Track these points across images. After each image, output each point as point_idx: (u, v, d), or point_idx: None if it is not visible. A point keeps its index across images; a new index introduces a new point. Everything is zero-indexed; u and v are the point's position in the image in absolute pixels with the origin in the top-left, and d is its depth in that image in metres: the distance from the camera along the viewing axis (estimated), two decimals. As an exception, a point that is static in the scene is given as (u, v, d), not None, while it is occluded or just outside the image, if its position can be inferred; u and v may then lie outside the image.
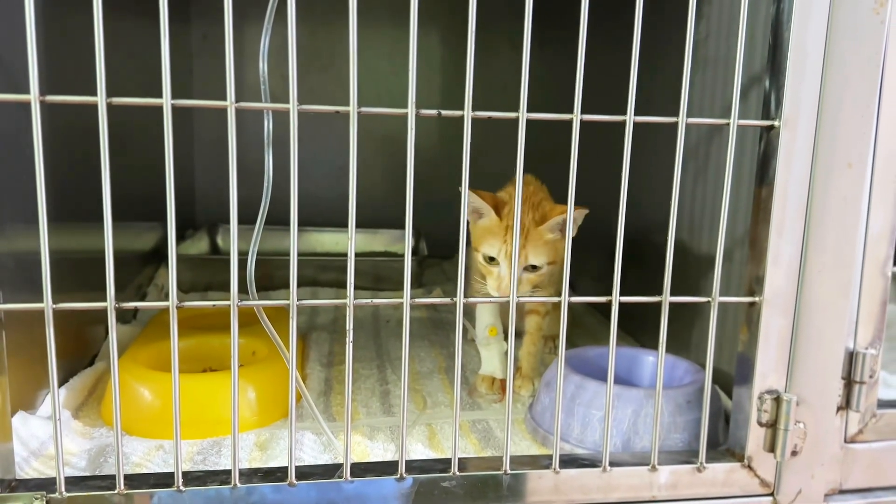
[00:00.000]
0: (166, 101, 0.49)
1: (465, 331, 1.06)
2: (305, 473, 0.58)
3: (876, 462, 0.66)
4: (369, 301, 0.57)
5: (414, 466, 0.60)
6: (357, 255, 0.54)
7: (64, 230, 0.84)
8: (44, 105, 0.48)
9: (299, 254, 0.53)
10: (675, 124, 0.57)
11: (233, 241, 0.51)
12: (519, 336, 0.92)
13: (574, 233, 0.85)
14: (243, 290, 0.55)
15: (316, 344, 1.08)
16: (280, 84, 1.47)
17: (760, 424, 0.62)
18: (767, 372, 0.62)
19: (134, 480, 0.56)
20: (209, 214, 1.62)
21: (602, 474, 0.61)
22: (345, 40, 1.61)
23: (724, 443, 0.68)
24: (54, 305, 0.51)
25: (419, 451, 0.73)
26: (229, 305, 0.53)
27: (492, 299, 0.70)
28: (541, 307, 0.94)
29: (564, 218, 0.81)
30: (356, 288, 0.55)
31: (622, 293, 0.59)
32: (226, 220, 0.48)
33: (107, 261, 0.50)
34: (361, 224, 0.73)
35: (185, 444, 0.73)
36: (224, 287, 1.32)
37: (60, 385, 0.80)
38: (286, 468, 0.57)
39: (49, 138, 0.61)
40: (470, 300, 0.59)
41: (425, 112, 0.53)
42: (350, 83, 0.51)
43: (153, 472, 0.66)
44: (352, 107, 0.51)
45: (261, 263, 0.62)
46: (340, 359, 1.02)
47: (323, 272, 1.39)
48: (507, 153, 0.62)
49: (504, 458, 0.60)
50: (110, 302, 0.51)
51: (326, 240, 1.62)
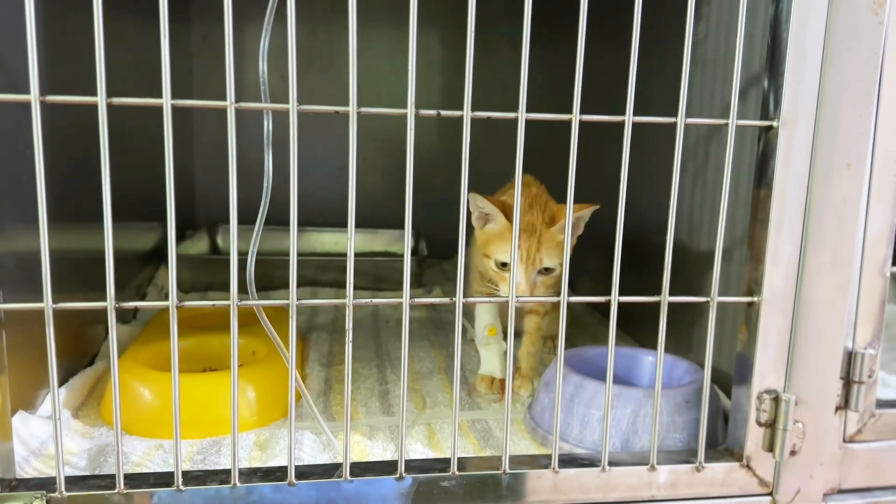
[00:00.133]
0: (166, 102, 0.49)
1: (465, 331, 1.06)
2: (305, 473, 0.58)
3: (875, 462, 0.66)
4: (369, 301, 0.57)
5: (413, 466, 0.60)
6: (357, 255, 0.54)
7: (64, 230, 0.84)
8: (44, 105, 0.48)
9: (299, 254, 0.53)
10: (674, 124, 0.57)
11: (233, 241, 0.51)
12: (518, 336, 0.93)
13: (581, 230, 0.85)
14: (243, 290, 0.56)
15: (315, 344, 1.08)
16: (280, 84, 1.47)
17: (759, 424, 0.62)
18: (766, 372, 0.62)
19: (134, 480, 0.56)
20: (209, 214, 1.63)
21: (601, 474, 0.61)
22: (344, 40, 1.61)
23: (723, 442, 0.68)
24: (54, 305, 0.51)
25: (418, 451, 0.73)
26: (229, 305, 0.53)
27: (491, 299, 0.70)
28: (540, 307, 0.94)
29: (576, 216, 0.81)
30: (356, 288, 0.55)
31: (621, 293, 0.59)
32: (226, 221, 0.48)
33: (107, 260, 0.50)
34: (361, 224, 0.73)
35: (185, 444, 0.73)
36: (224, 287, 1.32)
37: (60, 385, 0.80)
38: (286, 468, 0.57)
39: (49, 138, 0.61)
40: (469, 300, 0.59)
41: (425, 112, 0.53)
42: (350, 83, 0.51)
43: (153, 472, 0.66)
44: (351, 107, 0.51)
45: (261, 263, 0.62)
46: (340, 359, 1.02)
47: (322, 272, 1.39)
48: (507, 153, 0.62)
49: (503, 458, 0.60)
50: (110, 302, 0.52)
51: (326, 240, 1.62)
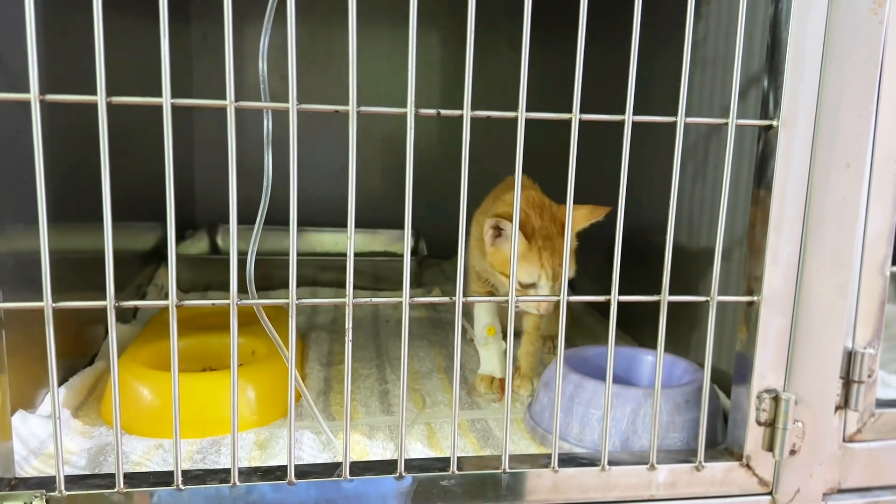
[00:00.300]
0: (166, 101, 0.49)
1: (464, 331, 1.06)
2: (305, 472, 0.58)
3: (874, 461, 0.66)
4: (368, 300, 0.57)
5: (413, 465, 0.60)
6: (356, 255, 0.54)
7: (64, 230, 0.84)
8: (44, 105, 0.48)
9: (299, 254, 0.53)
10: (674, 124, 0.57)
11: (232, 241, 0.51)
12: (517, 335, 0.93)
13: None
14: (243, 290, 0.56)
15: (315, 344, 1.08)
16: (279, 84, 1.46)
17: (759, 423, 0.62)
18: (766, 371, 0.62)
19: (133, 479, 0.56)
20: (209, 214, 1.63)
21: (601, 473, 0.61)
22: (344, 41, 1.61)
23: (723, 442, 0.68)
24: (54, 304, 0.51)
25: (418, 450, 0.73)
26: (229, 305, 0.53)
27: (490, 299, 0.70)
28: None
29: (590, 223, 0.81)
30: (355, 288, 0.55)
31: (621, 293, 0.59)
32: (225, 220, 0.48)
33: (106, 260, 0.50)
34: (361, 224, 0.73)
35: (185, 443, 0.73)
36: (224, 287, 1.32)
37: (60, 384, 0.80)
38: (285, 467, 0.57)
39: (49, 138, 0.61)
40: (469, 299, 0.59)
41: (425, 111, 0.53)
42: (349, 82, 0.51)
43: (153, 471, 0.66)
44: (351, 106, 0.51)
45: (260, 263, 0.62)
46: (340, 358, 1.02)
47: (322, 272, 1.39)
48: (506, 153, 0.62)
49: (503, 457, 0.60)
50: (110, 301, 0.51)
51: (326, 240, 1.62)
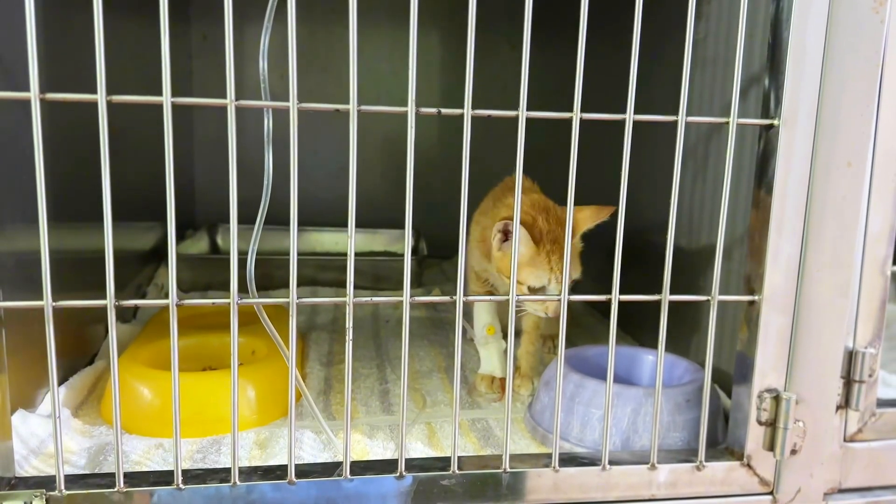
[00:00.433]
0: (166, 99, 0.49)
1: (465, 331, 1.06)
2: (305, 472, 0.58)
3: (875, 461, 0.66)
4: (369, 299, 0.57)
5: (413, 465, 0.60)
6: (357, 255, 0.54)
7: (64, 229, 0.84)
8: (44, 104, 0.48)
9: (299, 253, 0.53)
10: (675, 123, 0.57)
11: (233, 240, 0.51)
12: (517, 335, 0.92)
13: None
14: (243, 289, 0.55)
15: (315, 343, 1.08)
16: (279, 85, 1.46)
17: (760, 423, 0.62)
18: (767, 370, 0.62)
19: (134, 478, 0.56)
20: (209, 214, 1.63)
21: (601, 473, 0.61)
22: (344, 41, 1.60)
23: (724, 441, 0.68)
24: (54, 303, 0.51)
25: (419, 450, 0.73)
26: (229, 304, 0.53)
27: (491, 298, 0.70)
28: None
29: (596, 224, 0.81)
30: (356, 287, 0.55)
31: (622, 292, 0.59)
32: (225, 220, 0.48)
33: (107, 259, 0.50)
34: (361, 224, 0.73)
35: (185, 443, 0.73)
36: (224, 287, 1.32)
37: (60, 383, 0.80)
38: (286, 466, 0.57)
39: (49, 138, 0.61)
40: (469, 298, 0.59)
41: (425, 110, 0.53)
42: (350, 81, 0.51)
43: (153, 471, 0.66)
44: (352, 105, 0.51)
45: (260, 263, 0.62)
46: (340, 358, 1.02)
47: (322, 272, 1.39)
48: (507, 153, 0.62)
49: (503, 457, 0.60)
50: (110, 300, 0.51)
51: (326, 239, 1.62)
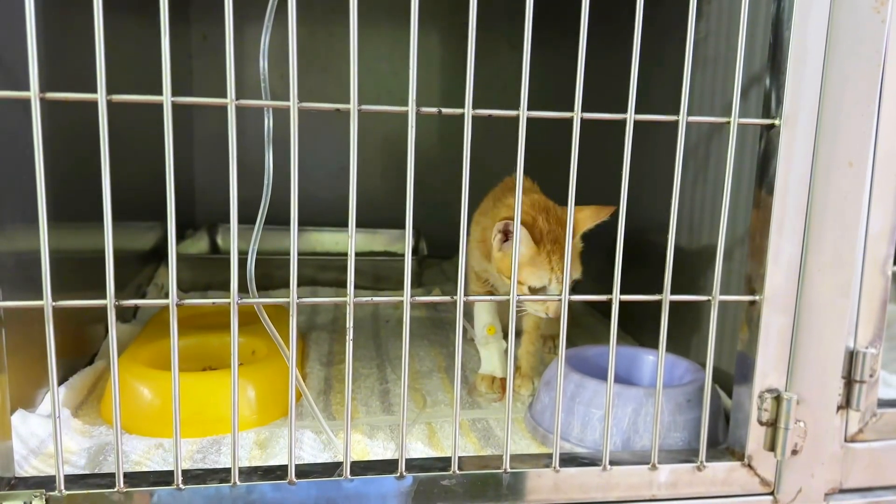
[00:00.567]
0: (166, 99, 0.49)
1: (465, 331, 1.06)
2: (305, 472, 0.58)
3: (876, 461, 0.66)
4: (369, 299, 0.57)
5: (414, 465, 0.60)
6: (357, 255, 0.54)
7: (64, 229, 0.84)
8: (44, 104, 0.48)
9: (299, 253, 0.53)
10: (676, 123, 0.57)
11: (233, 240, 0.51)
12: (517, 335, 0.92)
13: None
14: (243, 289, 0.55)
15: (316, 343, 1.08)
16: (280, 84, 1.47)
17: (761, 423, 0.62)
18: (768, 371, 0.61)
19: (134, 479, 0.56)
20: (209, 214, 1.63)
21: (602, 473, 0.61)
22: (344, 41, 1.60)
23: (725, 442, 0.68)
24: (53, 303, 0.50)
25: (419, 450, 0.73)
26: (229, 304, 0.53)
27: (491, 298, 0.70)
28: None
29: (596, 224, 0.81)
30: (356, 287, 0.55)
31: (622, 292, 0.59)
32: (226, 220, 0.48)
33: (107, 259, 0.50)
34: (361, 224, 0.73)
35: (185, 443, 0.72)
36: (224, 287, 1.32)
37: (60, 383, 0.80)
38: (286, 466, 0.57)
39: (49, 137, 0.61)
40: (469, 298, 0.59)
41: (426, 109, 0.53)
42: (350, 80, 0.51)
43: (153, 471, 0.66)
44: (352, 104, 0.51)
45: (261, 263, 0.62)
46: (340, 358, 1.02)
47: (323, 272, 1.39)
48: (507, 153, 0.61)
49: (504, 457, 0.60)
50: (110, 300, 0.51)
51: (326, 239, 1.62)
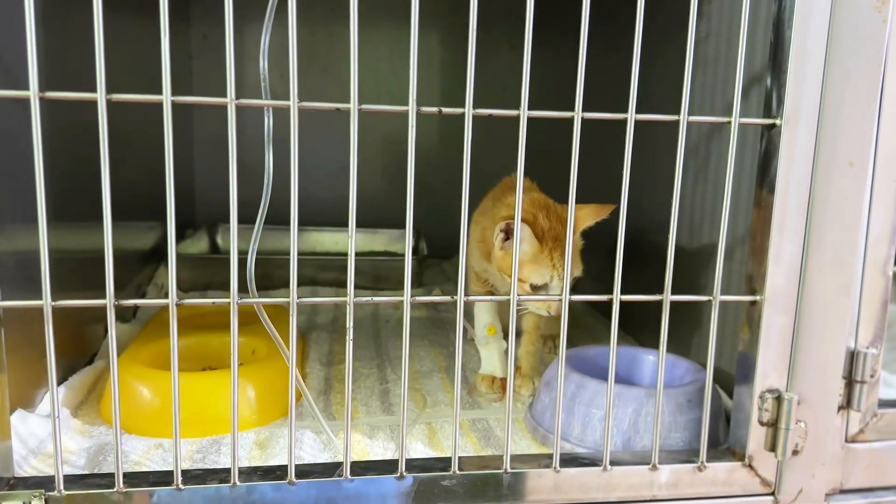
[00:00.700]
0: (166, 98, 0.49)
1: (465, 331, 1.06)
2: (305, 472, 0.58)
3: (877, 461, 0.66)
4: (369, 299, 0.57)
5: (414, 465, 0.60)
6: (357, 255, 0.54)
7: (64, 229, 0.84)
8: (43, 103, 0.48)
9: (299, 253, 0.53)
10: (676, 123, 0.57)
11: (233, 240, 0.51)
12: (517, 335, 0.92)
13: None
14: (243, 289, 0.55)
15: (316, 343, 1.08)
16: (280, 84, 1.47)
17: (761, 424, 0.62)
18: (768, 371, 0.61)
19: (133, 479, 0.56)
20: (209, 214, 1.63)
21: (602, 473, 0.61)
22: (344, 41, 1.60)
23: (725, 442, 0.68)
24: (53, 303, 0.50)
25: (419, 450, 0.73)
26: (229, 303, 0.53)
27: (492, 298, 0.70)
28: None
29: (596, 221, 0.81)
30: (356, 287, 0.55)
31: (623, 292, 0.59)
32: (226, 220, 0.48)
33: (106, 258, 0.50)
34: (361, 224, 0.73)
35: (185, 443, 0.72)
36: (224, 287, 1.32)
37: (60, 383, 0.80)
38: (286, 466, 0.56)
39: (49, 137, 0.61)
40: (470, 298, 0.59)
41: (426, 109, 0.53)
42: (351, 80, 0.51)
43: (152, 471, 0.65)
44: (352, 103, 0.51)
45: (261, 263, 0.62)
46: (340, 358, 1.01)
47: (323, 272, 1.39)
48: (507, 153, 0.61)
49: (504, 457, 0.60)
50: (109, 299, 0.51)
51: (326, 239, 1.62)
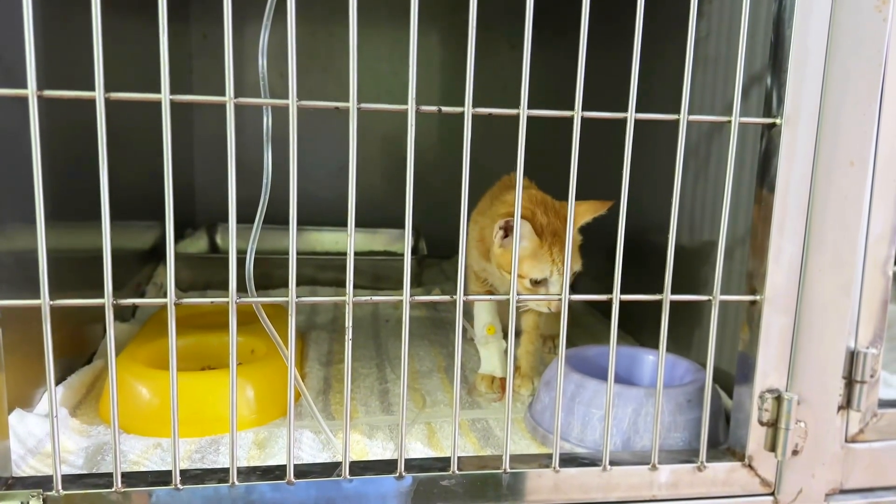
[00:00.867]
0: (165, 97, 0.49)
1: (465, 331, 1.06)
2: (304, 472, 0.58)
3: (877, 461, 0.65)
4: (368, 298, 0.57)
5: (413, 465, 0.60)
6: (356, 255, 0.54)
7: (63, 228, 0.83)
8: (42, 102, 0.48)
9: (298, 253, 0.53)
10: (676, 122, 0.57)
11: (231, 239, 0.51)
12: (516, 335, 0.92)
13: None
14: (242, 289, 0.55)
15: (315, 343, 1.08)
16: (279, 83, 1.46)
17: (761, 423, 0.62)
18: (768, 371, 0.61)
19: (131, 478, 0.56)
20: (208, 214, 1.62)
21: (602, 473, 0.61)
22: (344, 41, 1.60)
23: (725, 442, 0.68)
24: (51, 302, 0.50)
25: (418, 450, 0.72)
26: (227, 303, 0.53)
27: (490, 297, 0.70)
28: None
29: (594, 217, 0.82)
30: (355, 287, 0.55)
31: (622, 292, 0.58)
32: (225, 220, 0.47)
33: (104, 257, 0.50)
34: (361, 223, 0.73)
35: (184, 443, 0.72)
36: (223, 286, 1.31)
37: (58, 383, 0.80)
38: (285, 466, 0.56)
39: (48, 136, 0.61)
40: (469, 297, 0.58)
41: (426, 108, 0.53)
42: (350, 79, 0.51)
43: (151, 471, 0.65)
44: (351, 102, 0.51)
45: (260, 262, 0.62)
46: (339, 358, 1.01)
47: (322, 271, 1.39)
48: (506, 153, 0.61)
49: (504, 457, 0.59)
50: (108, 299, 0.51)
51: (326, 239, 1.62)
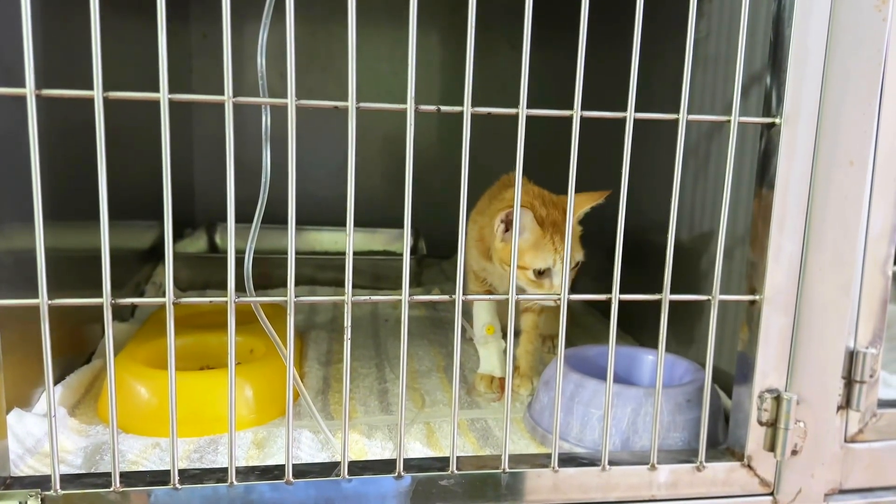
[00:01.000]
0: (163, 96, 0.49)
1: (464, 330, 1.06)
2: (303, 472, 0.58)
3: (876, 462, 0.65)
4: (367, 298, 0.57)
5: (412, 465, 0.60)
6: (356, 254, 0.54)
7: (62, 228, 0.83)
8: (41, 101, 0.48)
9: (297, 252, 0.53)
10: (676, 122, 0.57)
11: (230, 239, 0.51)
12: (516, 335, 0.92)
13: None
14: (241, 288, 0.55)
15: (314, 343, 1.08)
16: (279, 83, 1.46)
17: (760, 423, 0.62)
18: (768, 371, 0.61)
19: (130, 478, 0.56)
20: (208, 213, 1.62)
21: (601, 473, 0.61)
22: (344, 41, 1.60)
23: (724, 442, 0.68)
24: (49, 301, 0.50)
25: (417, 450, 0.72)
26: (226, 302, 0.53)
27: (490, 297, 0.70)
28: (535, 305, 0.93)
29: (591, 206, 0.82)
30: (354, 287, 0.55)
31: (622, 292, 0.58)
32: (225, 219, 0.47)
33: (103, 257, 0.50)
34: (360, 223, 0.73)
35: (182, 442, 0.72)
36: (222, 286, 1.30)
37: (57, 382, 0.80)
38: (283, 466, 0.56)
39: (47, 135, 0.61)
40: (469, 297, 0.58)
41: (425, 108, 0.53)
42: (349, 78, 0.51)
43: (149, 470, 0.65)
44: (350, 101, 0.51)
45: (259, 262, 0.62)
46: (338, 357, 1.01)
47: (321, 271, 1.39)
48: (506, 153, 0.61)
49: (503, 457, 0.59)
50: (106, 298, 0.51)
51: (325, 239, 1.62)
